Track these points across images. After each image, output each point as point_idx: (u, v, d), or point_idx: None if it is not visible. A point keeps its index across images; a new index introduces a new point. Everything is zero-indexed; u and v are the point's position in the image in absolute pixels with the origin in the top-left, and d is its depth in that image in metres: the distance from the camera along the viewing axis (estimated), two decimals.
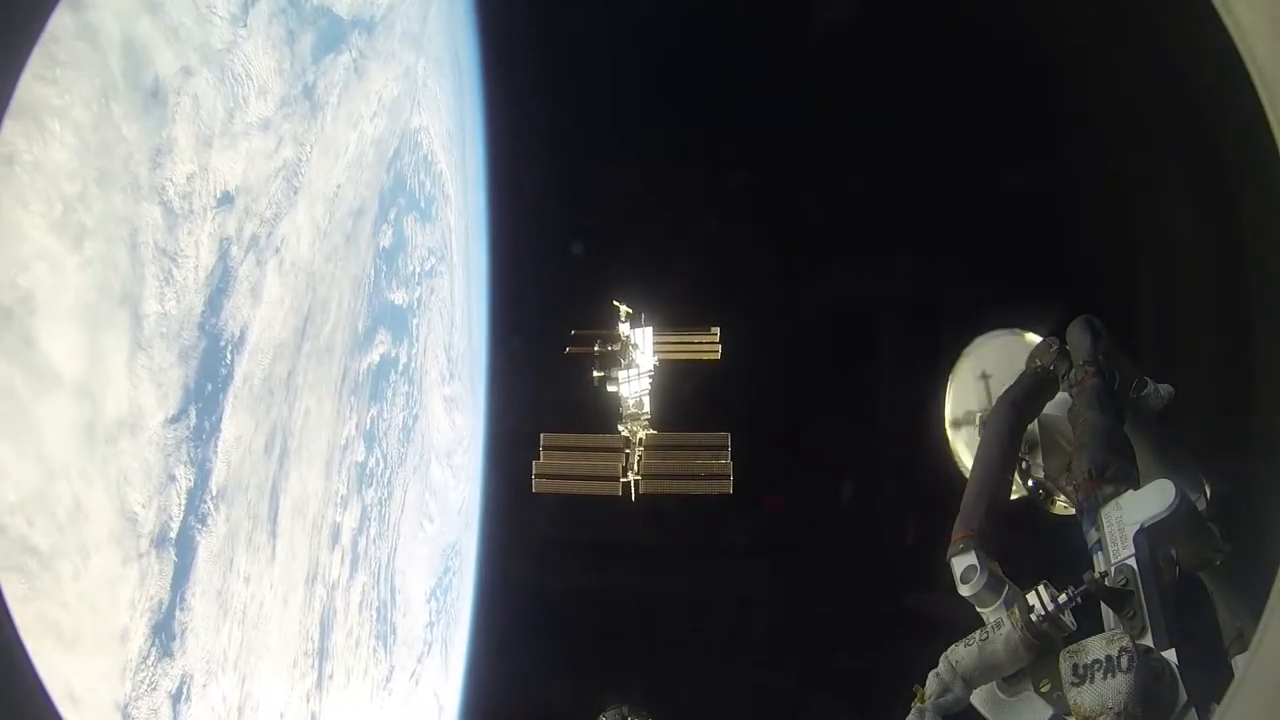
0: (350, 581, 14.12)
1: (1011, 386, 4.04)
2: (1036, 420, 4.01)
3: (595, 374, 6.32)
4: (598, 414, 6.43)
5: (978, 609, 3.30)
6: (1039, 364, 4.07)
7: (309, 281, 13.10)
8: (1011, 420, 3.85)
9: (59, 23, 8.54)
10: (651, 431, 6.21)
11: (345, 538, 14.09)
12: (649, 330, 6.45)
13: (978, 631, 3.09)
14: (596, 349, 6.29)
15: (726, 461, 5.59)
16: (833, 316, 12.27)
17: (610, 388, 6.29)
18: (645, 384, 6.32)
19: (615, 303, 6.37)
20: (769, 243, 12.65)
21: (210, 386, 10.77)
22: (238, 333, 11.37)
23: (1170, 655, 2.79)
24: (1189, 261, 7.64)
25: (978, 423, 4.20)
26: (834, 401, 12.38)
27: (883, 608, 10.72)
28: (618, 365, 6.27)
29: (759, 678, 13.27)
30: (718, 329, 6.66)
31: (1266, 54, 2.19)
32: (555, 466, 6.13)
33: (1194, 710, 2.67)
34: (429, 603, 16.22)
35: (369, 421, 14.85)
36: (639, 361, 6.34)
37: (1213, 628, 3.08)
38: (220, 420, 10.95)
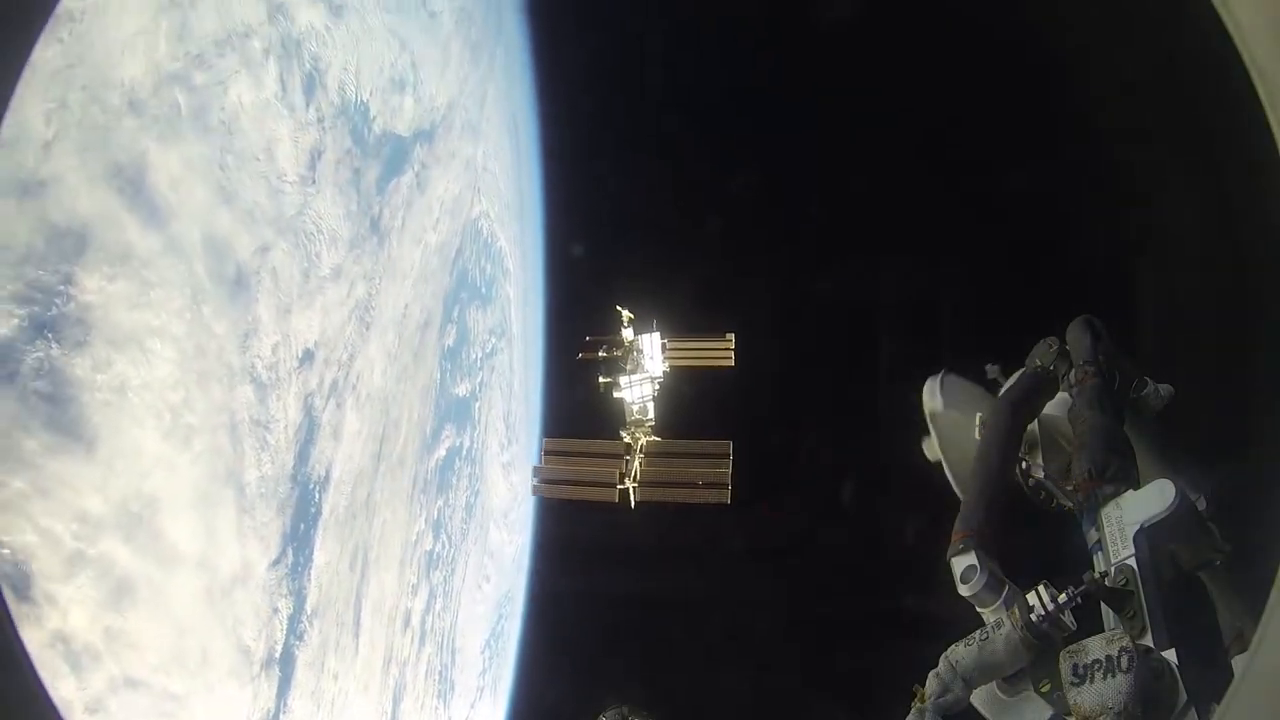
0: (418, 655, 15.11)
1: (1011, 386, 4.04)
2: (1036, 420, 4.01)
3: (601, 379, 6.30)
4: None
5: (978, 609, 3.30)
6: (1039, 364, 4.07)
7: (383, 406, 14.22)
8: (1011, 420, 3.85)
9: (145, 243, 9.54)
10: (655, 438, 6.17)
11: (415, 619, 15.14)
12: (656, 336, 6.39)
13: (978, 631, 3.08)
14: (601, 354, 6.27)
15: (725, 470, 5.53)
16: (841, 318, 12.29)
17: (616, 394, 6.25)
18: (648, 390, 6.27)
19: (618, 307, 6.35)
20: (790, 247, 12.72)
21: (303, 526, 12.05)
22: (323, 473, 12.61)
23: (1170, 655, 2.79)
24: (1189, 261, 7.64)
25: (978, 423, 4.19)
26: (839, 403, 12.40)
27: (883, 608, 10.71)
28: (623, 371, 6.24)
29: (760, 678, 13.27)
30: (732, 335, 6.58)
31: (1266, 54, 2.19)
32: (555, 471, 6.11)
33: (1194, 710, 2.67)
34: (483, 653, 17.00)
35: (436, 512, 15.77)
36: (647, 367, 6.29)
37: (1213, 628, 3.08)
38: (312, 552, 12.19)
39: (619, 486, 5.73)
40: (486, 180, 17.83)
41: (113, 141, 9.53)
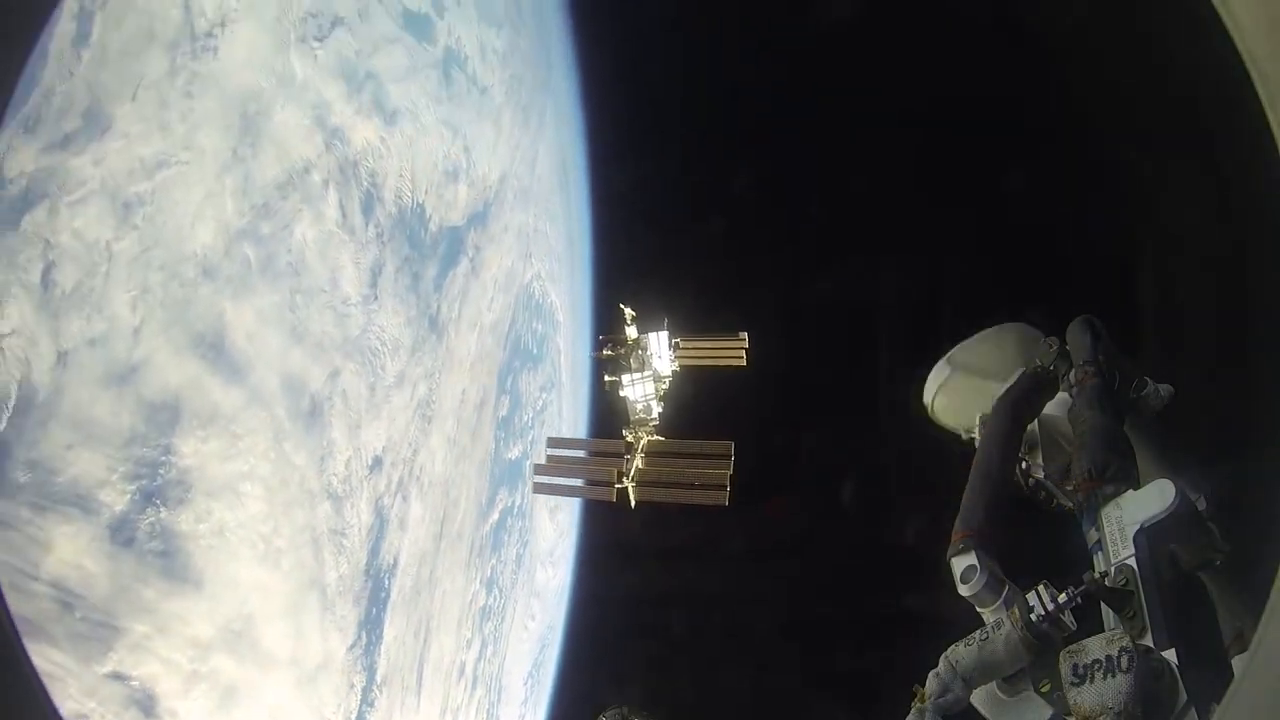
0: (470, 699, 15.97)
1: (1011, 386, 4.04)
2: (1036, 420, 4.01)
3: (607, 378, 6.23)
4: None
5: (978, 609, 3.30)
6: (1039, 364, 4.07)
7: (443, 489, 15.12)
8: (1011, 420, 3.84)
9: (230, 400, 10.50)
10: (657, 438, 6.10)
11: (469, 669, 15.99)
12: (664, 335, 6.31)
13: (978, 631, 3.08)
14: (605, 352, 6.20)
15: (724, 472, 5.47)
16: (845, 317, 12.31)
17: (621, 392, 6.18)
18: (651, 388, 6.20)
19: (621, 305, 6.31)
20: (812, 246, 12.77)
21: (374, 610, 13.25)
22: (392, 560, 13.77)
23: (1170, 655, 2.79)
24: (1189, 261, 7.63)
25: (978, 422, 4.19)
26: (842, 403, 12.41)
27: (883, 608, 10.71)
28: (626, 369, 6.17)
29: (760, 678, 13.27)
30: (745, 334, 6.47)
31: (1266, 54, 2.18)
32: (554, 470, 6.07)
33: (1194, 710, 2.67)
34: (525, 684, 17.65)
35: (490, 570, 16.59)
36: (655, 365, 6.22)
37: (1213, 628, 3.08)
38: (382, 630, 13.36)
39: (617, 486, 5.69)
40: (538, 241, 18.40)
41: (192, 312, 10.40)
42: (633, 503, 5.70)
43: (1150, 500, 3.14)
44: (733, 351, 6.40)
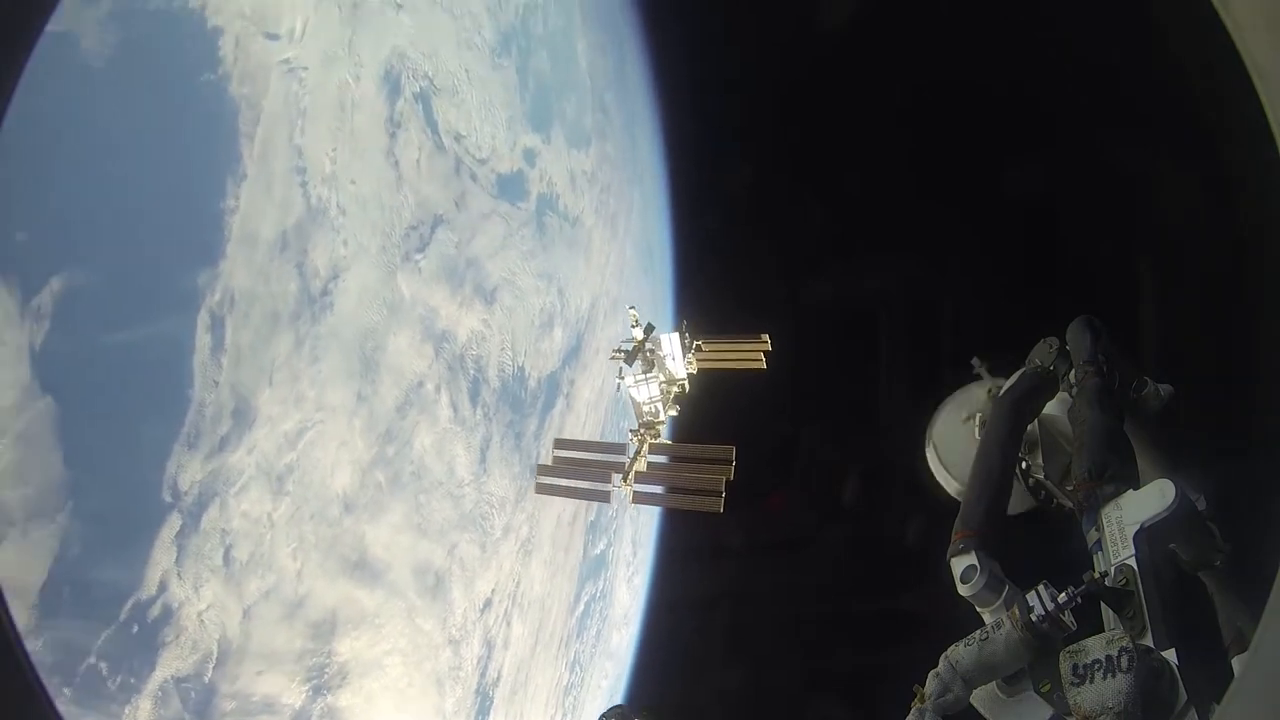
0: None
1: (1011, 386, 4.04)
2: (1036, 420, 4.01)
3: (617, 380, 6.20)
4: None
5: (978, 609, 3.30)
6: (1039, 364, 4.07)
7: (540, 604, 16.12)
8: (1011, 420, 3.84)
9: (373, 599, 12.41)
10: (661, 440, 6.05)
11: None
12: (675, 336, 6.26)
13: (978, 631, 3.08)
14: (612, 353, 6.17)
15: (721, 477, 5.42)
16: (847, 318, 12.27)
17: (628, 391, 6.15)
18: (656, 390, 6.15)
19: (630, 308, 6.28)
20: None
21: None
22: (496, 675, 15.02)
23: (1170, 655, 2.79)
24: (1189, 261, 7.63)
25: (978, 423, 4.19)
26: (843, 402, 12.40)
27: (883, 608, 10.72)
28: (634, 369, 6.13)
29: (759, 678, 13.27)
30: (767, 336, 6.37)
31: (1266, 54, 2.18)
32: (556, 472, 6.04)
33: (1194, 710, 2.67)
34: None
35: (574, 654, 17.36)
36: (670, 367, 6.18)
37: (1213, 628, 3.08)
38: None
39: (613, 488, 5.66)
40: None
41: (339, 544, 12.03)
42: (629, 503, 5.68)
43: (1150, 500, 3.14)
44: (752, 354, 6.30)
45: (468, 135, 14.56)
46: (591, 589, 17.67)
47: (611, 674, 18.36)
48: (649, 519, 18.90)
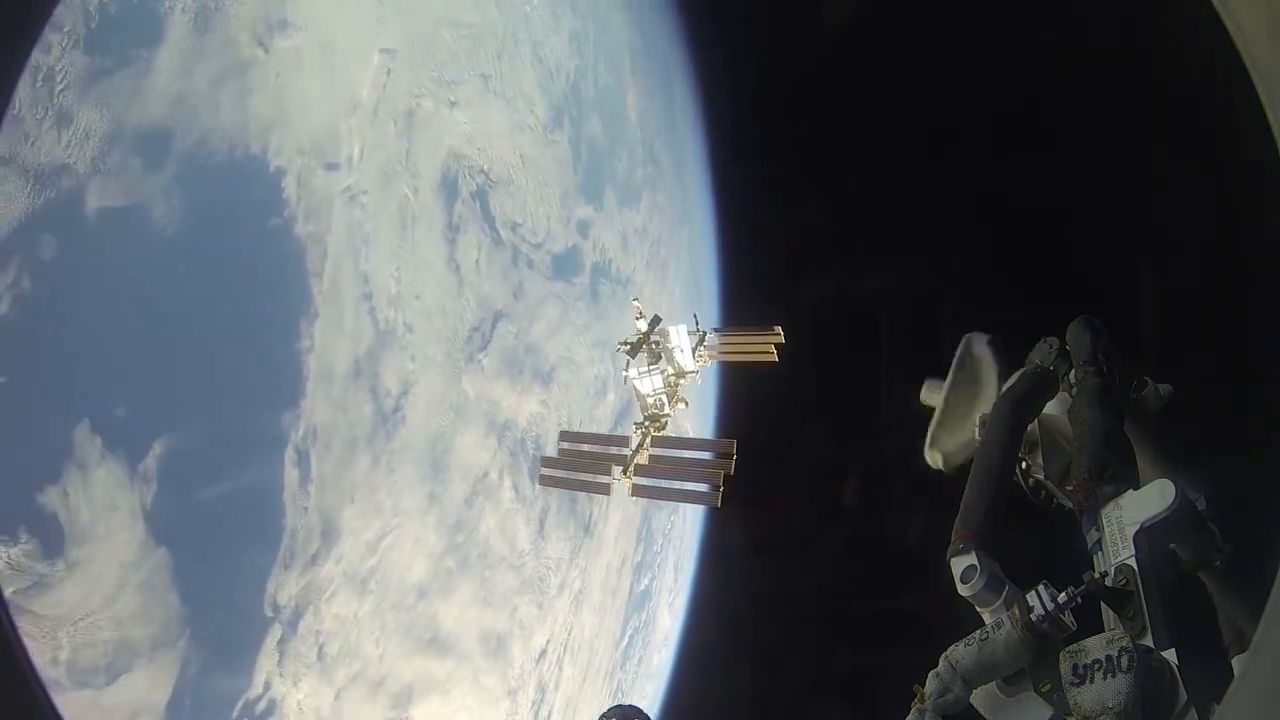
0: None
1: (1011, 386, 4.04)
2: (1036, 420, 4.00)
3: (624, 373, 6.14)
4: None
5: (978, 609, 3.30)
6: (1039, 364, 4.07)
7: (589, 645, 16.79)
8: (1011, 420, 3.84)
9: (444, 669, 13.64)
10: (665, 434, 6.00)
11: None
12: (682, 328, 6.19)
13: (978, 631, 3.08)
14: (617, 346, 6.11)
15: (720, 472, 5.38)
16: (846, 317, 12.23)
17: (636, 385, 6.09)
18: (659, 382, 6.09)
19: (634, 300, 6.25)
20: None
21: None
22: (548, 715, 15.88)
23: (1170, 655, 2.79)
24: (1189, 261, 7.63)
25: (978, 422, 4.19)
26: (842, 402, 12.38)
27: (883, 608, 10.71)
28: (637, 362, 6.08)
29: (759, 677, 13.28)
30: (780, 328, 6.27)
31: (1266, 54, 2.18)
32: (559, 463, 6.02)
33: (1194, 710, 2.67)
34: None
35: (616, 683, 17.97)
36: (678, 360, 6.11)
37: (1213, 628, 3.08)
38: None
39: (613, 480, 5.64)
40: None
41: (415, 626, 13.26)
42: (630, 495, 5.66)
43: (1150, 500, 3.14)
44: (763, 346, 6.21)
45: (523, 222, 15.30)
46: (636, 621, 18.33)
47: (650, 694, 18.84)
48: (690, 546, 19.52)
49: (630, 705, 3.98)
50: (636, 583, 18.13)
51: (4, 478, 9.04)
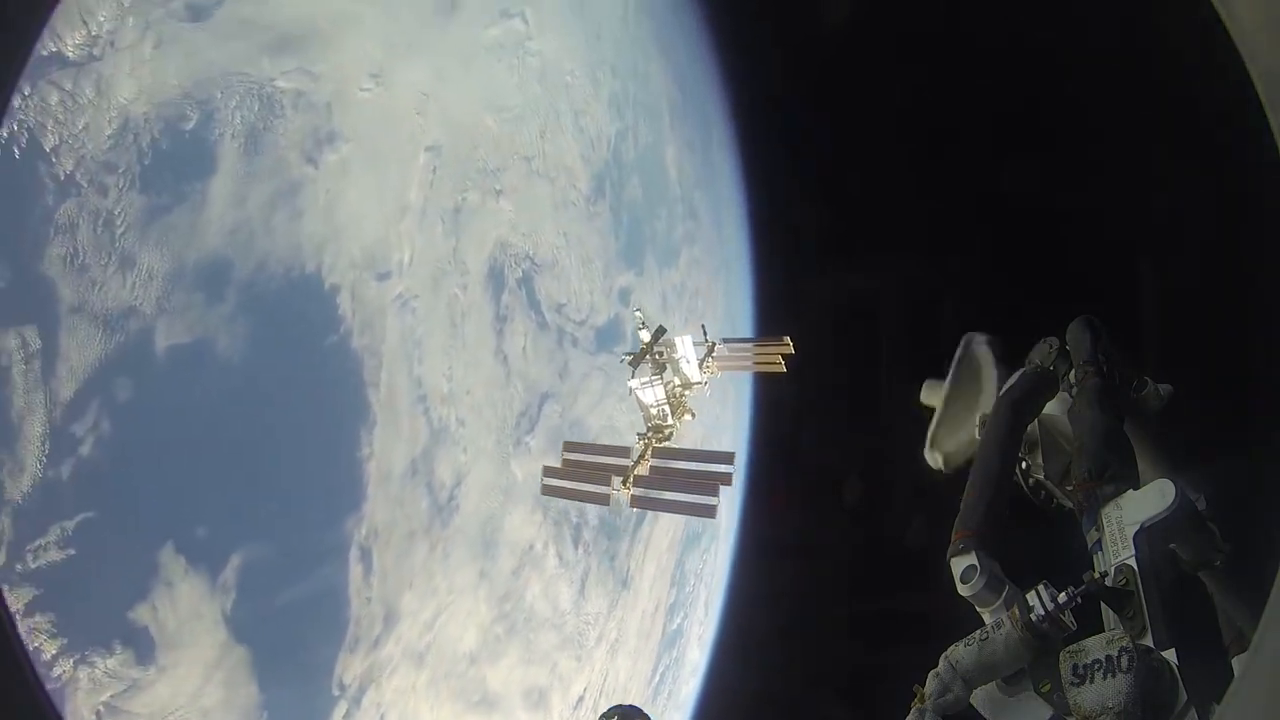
0: None
1: (1011, 386, 4.03)
2: (1036, 420, 4.00)
3: (629, 383, 6.13)
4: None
5: (978, 609, 3.30)
6: (1039, 364, 4.06)
7: (624, 689, 17.17)
8: (1011, 420, 3.84)
9: None
10: (667, 444, 5.97)
11: None
12: (689, 339, 6.17)
13: (978, 631, 3.08)
14: (621, 358, 6.10)
15: (718, 484, 5.36)
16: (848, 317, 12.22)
17: (639, 395, 6.07)
18: (661, 393, 6.06)
19: (636, 310, 6.23)
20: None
21: None
22: None
23: (1170, 655, 2.79)
24: (1189, 261, 7.63)
25: (978, 422, 4.19)
26: (842, 402, 12.38)
27: (883, 608, 10.71)
28: (640, 373, 6.06)
29: (760, 677, 13.29)
30: (789, 338, 6.20)
31: (1266, 54, 2.18)
32: (563, 472, 6.00)
33: (1194, 710, 2.67)
34: None
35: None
36: (685, 370, 6.09)
37: (1213, 628, 3.08)
38: None
39: (613, 491, 5.62)
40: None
41: (466, 690, 14.10)
42: (628, 505, 5.64)
43: (1150, 500, 3.14)
44: (771, 356, 6.20)
45: (567, 302, 15.80)
46: (668, 659, 18.74)
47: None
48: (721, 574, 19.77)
49: (630, 705, 3.99)
50: (669, 623, 18.66)
51: (100, 600, 9.76)
